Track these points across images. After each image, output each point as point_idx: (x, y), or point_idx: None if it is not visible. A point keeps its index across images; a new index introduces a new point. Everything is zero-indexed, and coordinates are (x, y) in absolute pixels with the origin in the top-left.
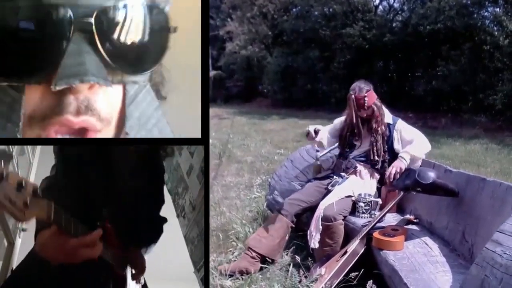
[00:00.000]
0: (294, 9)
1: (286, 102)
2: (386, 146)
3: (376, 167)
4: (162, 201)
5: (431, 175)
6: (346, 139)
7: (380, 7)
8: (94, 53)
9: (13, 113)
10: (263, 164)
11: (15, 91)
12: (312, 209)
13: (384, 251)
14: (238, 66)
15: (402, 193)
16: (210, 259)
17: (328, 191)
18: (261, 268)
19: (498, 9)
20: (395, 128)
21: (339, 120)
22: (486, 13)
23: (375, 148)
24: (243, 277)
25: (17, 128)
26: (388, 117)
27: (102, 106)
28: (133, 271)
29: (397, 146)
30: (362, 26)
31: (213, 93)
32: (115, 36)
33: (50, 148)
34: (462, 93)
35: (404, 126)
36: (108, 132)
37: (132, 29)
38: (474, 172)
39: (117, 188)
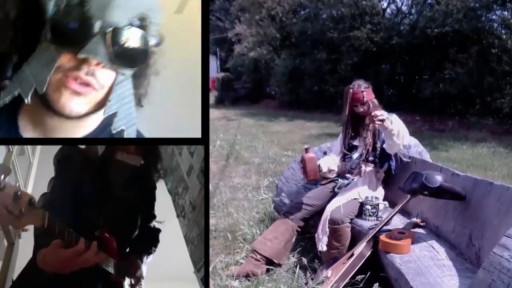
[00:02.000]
0: (302, 12)
1: (294, 104)
2: (379, 143)
3: (370, 159)
4: (153, 216)
5: (438, 178)
6: (346, 138)
7: (388, 10)
8: (105, 47)
9: (49, 64)
10: (271, 165)
11: (56, 54)
12: (319, 212)
13: (390, 254)
14: (246, 68)
15: (409, 196)
16: (217, 260)
17: (334, 194)
18: (268, 270)
19: (506, 13)
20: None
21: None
22: (494, 16)
23: (364, 143)
24: (250, 278)
25: (48, 75)
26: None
27: (101, 76)
28: (132, 281)
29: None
30: (369, 29)
31: (221, 94)
32: (120, 43)
33: (50, 148)
34: (469, 96)
35: (395, 118)
36: (99, 94)
37: (130, 43)
38: (481, 176)
39: (111, 201)
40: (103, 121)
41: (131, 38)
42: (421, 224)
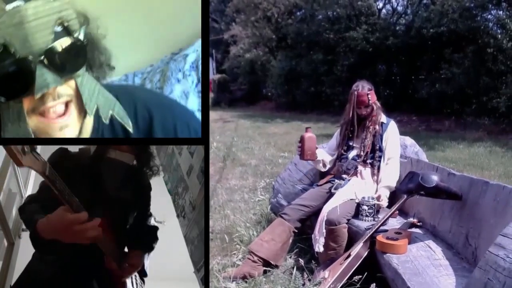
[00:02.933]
0: (298, 13)
1: (290, 105)
2: (378, 145)
3: (367, 161)
4: (149, 214)
5: (434, 178)
6: (344, 139)
7: (384, 10)
8: (50, 72)
9: (20, 118)
10: (267, 167)
11: (19, 105)
12: (316, 213)
13: (387, 254)
14: (242, 70)
15: (405, 196)
16: (214, 262)
17: (331, 194)
18: (265, 272)
19: (501, 12)
20: (387, 129)
21: (336, 134)
22: (489, 16)
23: (362, 144)
24: (247, 280)
25: (26, 123)
26: (383, 117)
27: (65, 91)
28: (136, 278)
29: (384, 145)
30: (365, 29)
31: (217, 96)
32: (58, 59)
33: (50, 148)
34: (465, 96)
35: (393, 132)
36: (73, 106)
37: (67, 52)
38: (477, 175)
39: (105, 200)
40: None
41: (64, 46)
42: (418, 224)
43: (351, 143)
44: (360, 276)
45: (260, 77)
